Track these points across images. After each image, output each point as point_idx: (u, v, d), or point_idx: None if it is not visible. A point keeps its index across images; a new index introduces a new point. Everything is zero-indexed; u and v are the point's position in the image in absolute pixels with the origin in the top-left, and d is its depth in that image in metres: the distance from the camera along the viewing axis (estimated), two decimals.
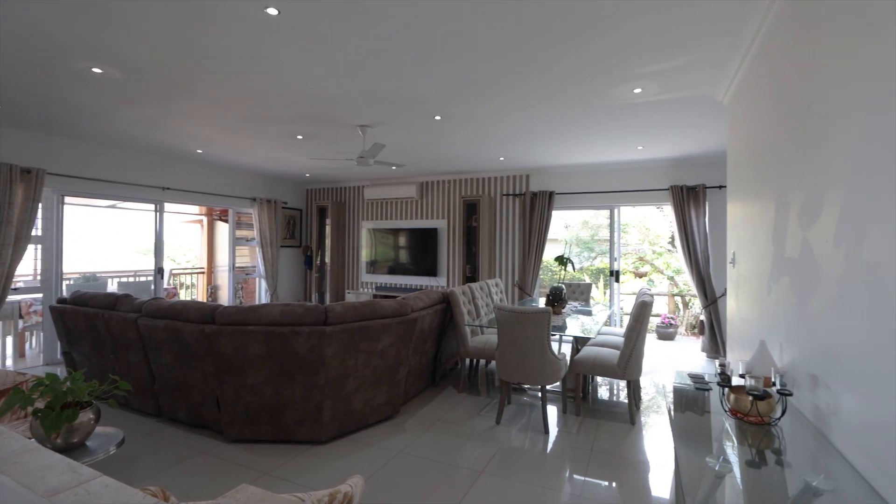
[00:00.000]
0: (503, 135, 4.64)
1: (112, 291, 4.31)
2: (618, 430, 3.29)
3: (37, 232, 4.89)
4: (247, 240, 7.77)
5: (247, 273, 7.97)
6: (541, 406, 3.42)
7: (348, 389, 3.07)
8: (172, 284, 8.02)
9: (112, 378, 2.27)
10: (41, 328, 5.31)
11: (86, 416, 2.04)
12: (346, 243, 8.16)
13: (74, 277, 6.42)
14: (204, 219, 8.48)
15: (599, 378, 4.57)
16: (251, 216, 7.36)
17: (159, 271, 6.08)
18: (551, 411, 3.67)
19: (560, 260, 4.68)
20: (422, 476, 2.64)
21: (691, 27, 2.41)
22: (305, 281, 8.46)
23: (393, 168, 6.33)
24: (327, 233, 7.95)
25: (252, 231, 7.51)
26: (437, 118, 4.09)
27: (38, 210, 4.73)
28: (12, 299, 5.19)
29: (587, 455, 2.91)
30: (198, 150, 5.53)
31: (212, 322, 2.97)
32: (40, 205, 4.73)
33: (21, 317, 5.41)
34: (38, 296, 5.18)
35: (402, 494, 2.45)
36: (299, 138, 4.82)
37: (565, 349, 4.71)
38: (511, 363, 3.37)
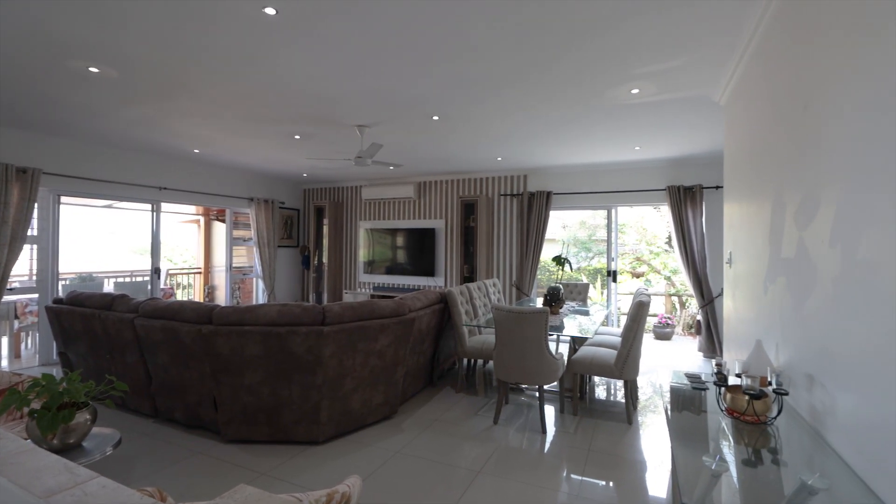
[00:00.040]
0: (501, 135, 4.65)
1: (108, 292, 4.29)
2: (615, 430, 3.30)
3: (32, 232, 4.86)
4: (244, 240, 7.76)
5: (244, 273, 7.96)
6: (538, 406, 3.42)
7: (346, 389, 3.06)
8: (169, 285, 7.99)
9: (109, 378, 2.27)
10: (37, 328, 5.28)
11: (82, 417, 2.03)
12: (344, 243, 8.15)
13: (70, 277, 6.39)
14: (201, 219, 8.46)
15: (597, 378, 4.58)
16: (248, 216, 7.35)
17: (156, 271, 6.06)
18: (549, 411, 3.68)
19: (557, 260, 4.69)
20: (419, 476, 2.65)
21: (689, 27, 2.42)
22: (303, 281, 8.45)
23: (391, 168, 6.33)
24: (325, 233, 7.94)
25: (249, 231, 7.49)
26: (436, 118, 4.09)
27: (34, 210, 4.71)
28: (8, 300, 5.16)
29: (584, 455, 2.92)
30: (195, 150, 5.51)
31: (209, 322, 2.96)
32: (36, 204, 4.71)
33: (17, 317, 5.39)
34: (34, 296, 5.15)
35: (400, 494, 2.45)
36: (297, 138, 4.81)
37: (563, 349, 4.72)
38: (509, 363, 3.38)
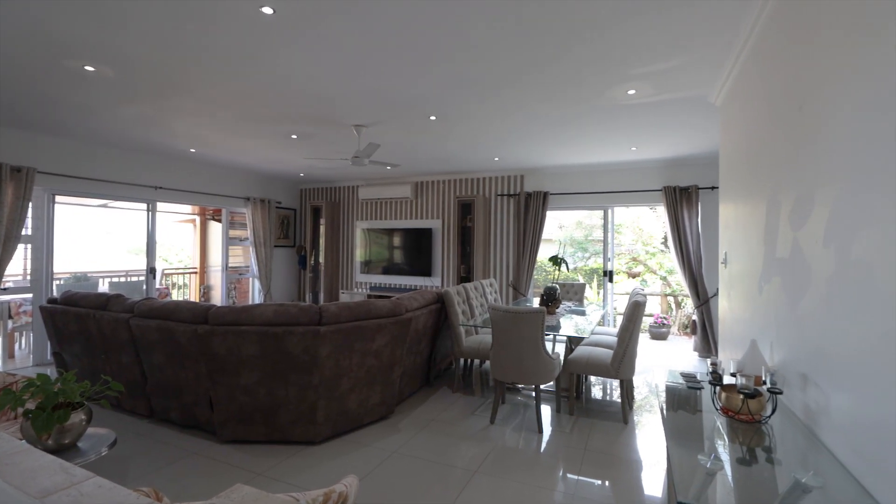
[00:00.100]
0: (499, 135, 4.65)
1: (103, 292, 4.27)
2: (611, 430, 3.31)
3: (27, 231, 4.83)
4: (240, 239, 7.73)
5: (240, 273, 7.93)
6: (535, 406, 3.43)
7: (342, 389, 3.06)
8: (165, 284, 7.96)
9: (104, 379, 2.26)
10: (31, 329, 5.25)
11: (77, 417, 2.02)
12: (341, 243, 8.14)
13: (65, 277, 6.34)
14: (197, 218, 8.42)
15: (593, 378, 4.59)
16: (245, 216, 7.32)
17: (151, 271, 6.03)
18: (545, 411, 3.69)
19: (554, 260, 4.70)
20: (416, 476, 2.65)
21: (687, 28, 2.43)
22: (299, 281, 8.43)
23: (388, 168, 6.33)
24: (321, 233, 7.93)
25: (245, 231, 7.47)
26: (433, 118, 4.09)
27: (29, 209, 4.68)
28: (2, 299, 5.13)
29: (581, 454, 2.93)
30: (191, 150, 5.49)
31: (205, 322, 2.95)
32: (30, 204, 4.68)
33: (10, 317, 5.35)
34: (28, 296, 5.12)
35: (397, 494, 2.45)
36: (294, 138, 4.80)
37: (559, 349, 4.73)
38: (505, 363, 3.38)
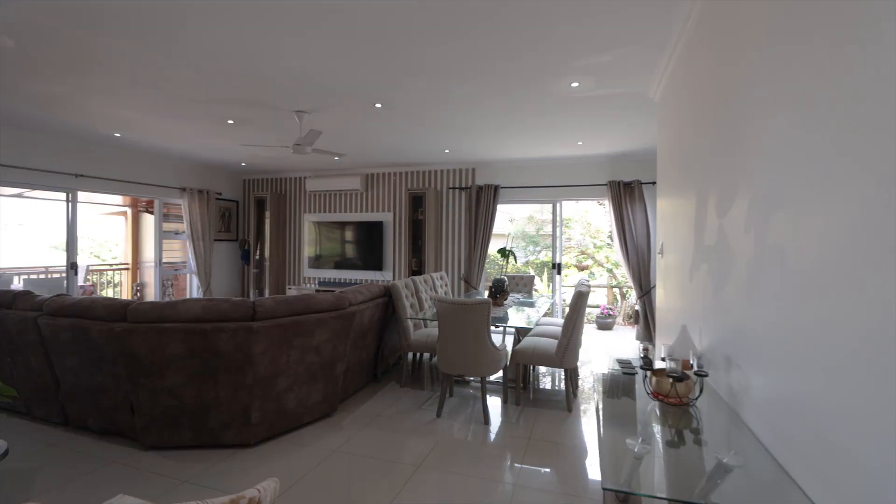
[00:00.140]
0: (445, 124, 4.58)
1: (11, 289, 3.84)
2: (555, 418, 3.36)
3: None
4: (176, 233, 7.25)
5: (176, 269, 7.45)
6: (481, 397, 3.42)
7: (280, 388, 2.91)
8: (91, 281, 7.34)
9: None
10: None
11: None
12: (288, 237, 7.83)
13: None
14: (128, 210, 7.82)
15: (542, 368, 4.66)
16: (181, 207, 6.87)
17: (73, 267, 5.53)
18: (494, 402, 3.69)
19: (503, 252, 4.72)
20: (357, 474, 2.55)
21: (624, 20, 2.46)
22: (243, 277, 8.04)
23: (336, 158, 6.12)
24: (266, 226, 7.58)
25: (182, 224, 7.01)
26: (378, 106, 3.97)
27: None
28: None
29: (525, 444, 2.94)
30: (115, 134, 5.05)
31: (123, 320, 2.70)
32: None
33: None
34: None
35: (336, 493, 2.35)
36: (230, 123, 4.52)
37: (509, 340, 4.76)
38: (452, 355, 3.34)
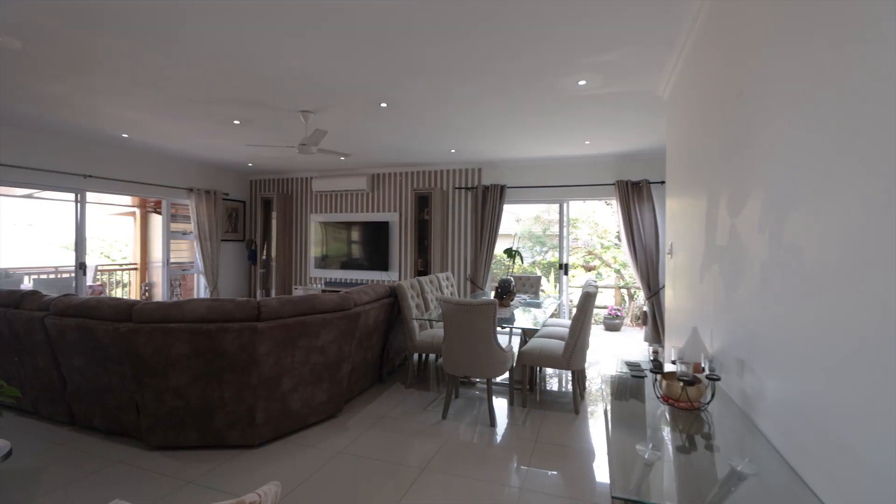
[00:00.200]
0: (451, 124, 4.55)
1: (18, 288, 3.87)
2: (562, 420, 3.31)
3: None
4: (184, 233, 7.28)
5: (184, 269, 7.48)
6: (487, 399, 3.38)
7: (284, 389, 2.89)
8: (100, 281, 7.40)
9: None
10: None
11: None
12: (294, 237, 7.84)
13: None
14: (137, 211, 7.87)
15: (549, 370, 4.61)
16: (188, 208, 6.90)
17: (81, 266, 5.57)
18: (500, 404, 3.65)
19: (509, 252, 4.68)
20: (362, 476, 2.53)
21: (631, 17, 2.42)
22: (250, 276, 8.07)
23: (342, 159, 6.11)
24: (273, 226, 7.60)
25: (189, 224, 7.04)
26: (384, 105, 3.95)
27: None
28: None
29: (531, 446, 2.90)
30: (123, 135, 5.08)
31: (128, 320, 2.70)
32: None
33: None
34: None
35: (341, 495, 2.33)
36: (236, 123, 4.52)
37: (515, 341, 4.72)
38: (457, 356, 3.31)
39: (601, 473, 2.59)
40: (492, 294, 5.33)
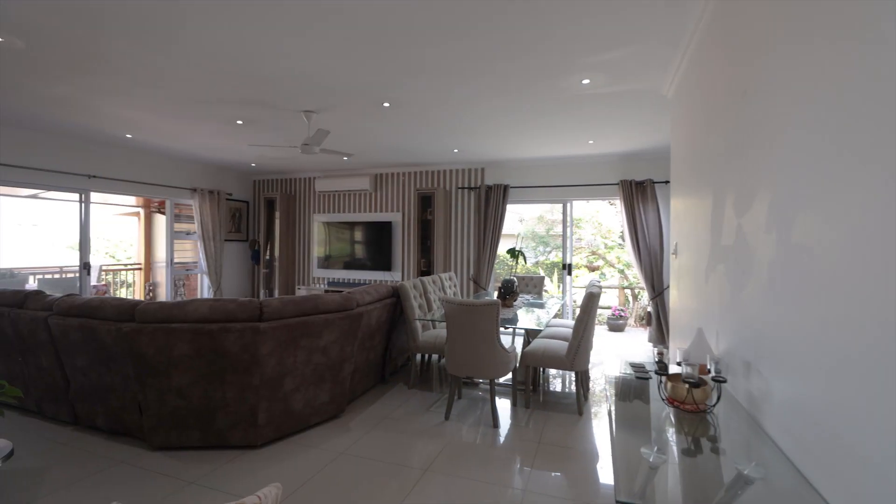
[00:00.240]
0: (454, 124, 4.54)
1: (21, 288, 3.88)
2: (566, 421, 3.29)
3: None
4: (187, 233, 7.30)
5: (188, 269, 7.50)
6: (490, 400, 3.36)
7: (287, 389, 2.89)
8: (105, 281, 7.43)
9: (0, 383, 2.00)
10: None
11: None
12: (297, 237, 7.84)
13: None
14: (141, 211, 7.90)
15: (553, 371, 4.59)
16: (192, 208, 6.91)
17: (85, 266, 5.58)
18: (503, 405, 3.63)
19: (512, 252, 4.66)
20: (364, 476, 2.52)
21: (635, 16, 2.39)
22: (253, 277, 8.08)
23: (345, 159, 6.11)
24: (276, 226, 7.60)
25: (193, 224, 7.05)
26: (386, 105, 3.93)
27: None
28: None
29: (534, 447, 2.88)
30: (126, 135, 5.09)
31: (131, 320, 2.70)
32: None
33: None
34: None
35: (342, 496, 2.32)
36: (239, 123, 4.52)
37: (518, 342, 4.70)
38: (460, 357, 3.30)
39: (605, 475, 2.57)
40: (495, 294, 5.31)
